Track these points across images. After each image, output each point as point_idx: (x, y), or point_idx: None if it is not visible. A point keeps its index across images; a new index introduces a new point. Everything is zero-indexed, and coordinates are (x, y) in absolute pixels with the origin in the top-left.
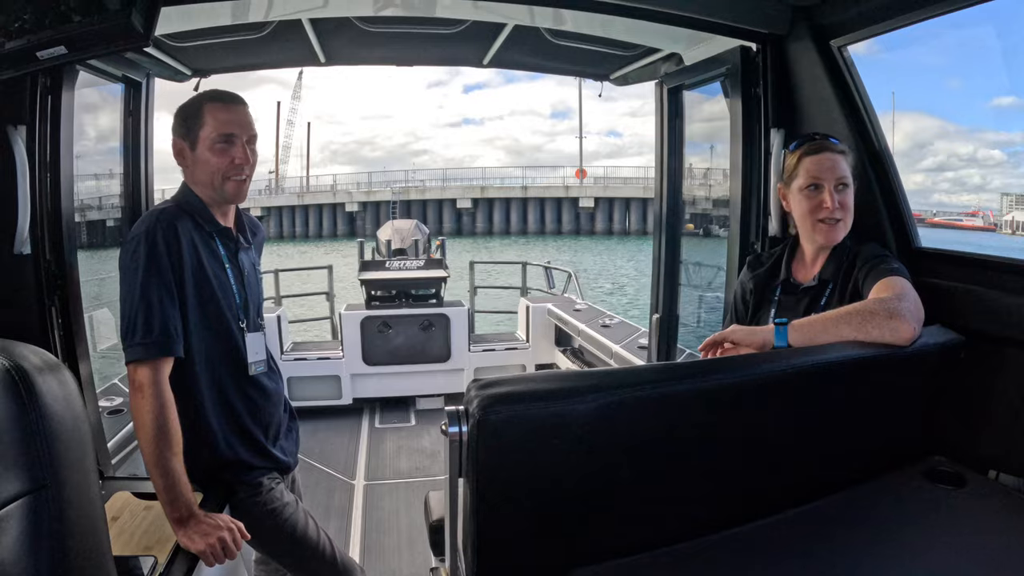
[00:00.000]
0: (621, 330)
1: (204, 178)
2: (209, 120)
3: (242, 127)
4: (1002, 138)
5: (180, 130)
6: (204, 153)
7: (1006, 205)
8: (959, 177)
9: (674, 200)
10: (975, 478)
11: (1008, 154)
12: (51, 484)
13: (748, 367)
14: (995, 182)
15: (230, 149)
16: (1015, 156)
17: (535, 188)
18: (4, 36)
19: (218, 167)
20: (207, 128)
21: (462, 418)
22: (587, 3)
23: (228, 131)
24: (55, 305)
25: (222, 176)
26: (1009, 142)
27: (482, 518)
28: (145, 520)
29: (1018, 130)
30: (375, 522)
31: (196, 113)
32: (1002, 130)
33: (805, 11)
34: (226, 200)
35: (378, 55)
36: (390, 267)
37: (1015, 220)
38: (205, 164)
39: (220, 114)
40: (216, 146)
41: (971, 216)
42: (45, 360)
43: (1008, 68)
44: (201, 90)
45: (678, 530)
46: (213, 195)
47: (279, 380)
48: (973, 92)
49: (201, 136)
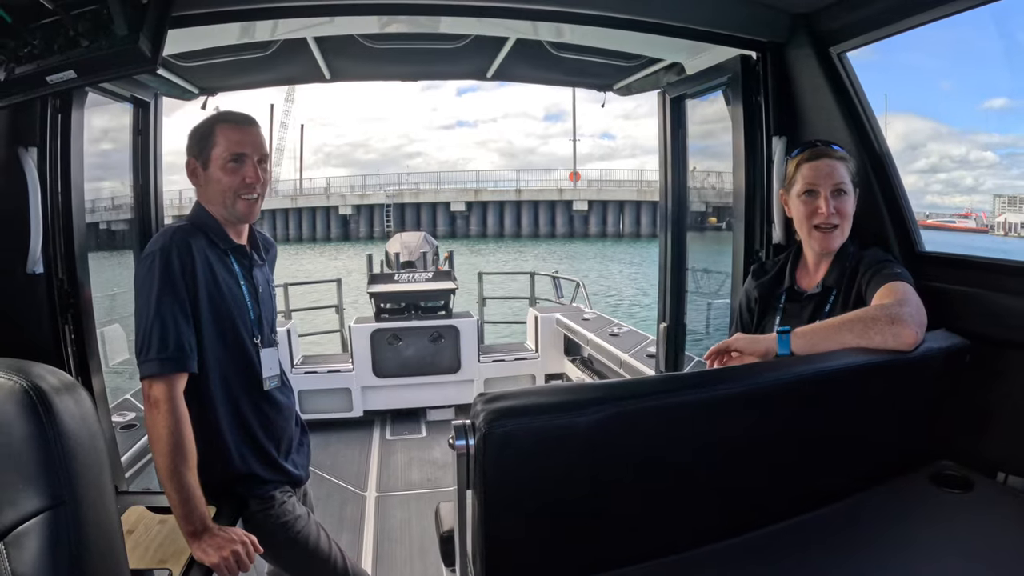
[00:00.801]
0: (630, 339)
1: (216, 197)
2: (221, 140)
3: (253, 147)
4: (994, 140)
5: (193, 150)
6: (216, 172)
7: (999, 207)
8: (951, 179)
9: (679, 209)
10: (983, 481)
11: (1000, 156)
12: (69, 501)
13: (752, 376)
14: (987, 184)
15: (241, 168)
16: (1007, 158)
17: (529, 191)
18: (14, 61)
19: (229, 186)
20: (219, 148)
21: (469, 432)
22: (588, 16)
23: (239, 151)
24: (68, 323)
25: (233, 194)
26: (1001, 144)
27: (490, 529)
28: (160, 534)
29: (1010, 132)
30: (387, 533)
31: (208, 134)
32: (994, 132)
33: (804, 19)
34: (238, 219)
35: (382, 71)
36: (399, 280)
37: (1008, 222)
38: (217, 183)
39: (231, 134)
40: (228, 165)
41: (964, 218)
42: (62, 380)
43: (1000, 70)
44: (208, 108)
45: (685, 539)
46: (225, 214)
47: (291, 395)
48: (965, 94)
49: (213, 156)
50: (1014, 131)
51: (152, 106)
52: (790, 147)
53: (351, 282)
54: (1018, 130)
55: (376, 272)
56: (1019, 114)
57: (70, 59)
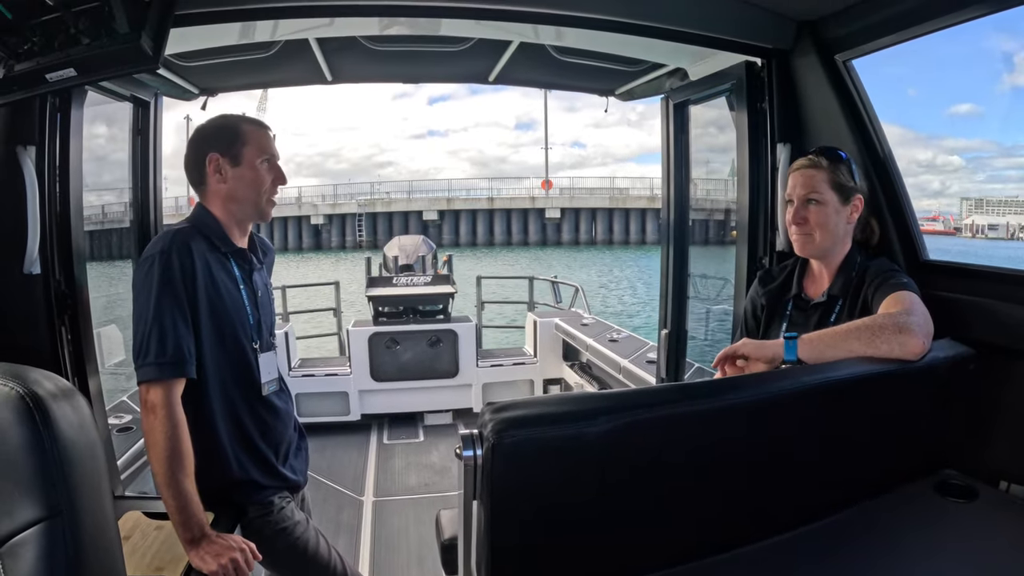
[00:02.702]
0: (629, 344)
1: (247, 194)
2: (252, 140)
3: (276, 150)
4: (960, 144)
5: (219, 146)
6: (248, 171)
7: (965, 209)
8: (919, 183)
9: (681, 214)
10: (986, 490)
11: (966, 160)
12: (66, 510)
13: (759, 385)
14: (954, 187)
15: (274, 170)
16: (972, 162)
17: (501, 199)
18: (13, 58)
19: (268, 183)
20: (252, 147)
21: (476, 441)
22: (592, 21)
23: (271, 152)
24: (65, 324)
25: (268, 193)
26: (967, 148)
27: (496, 539)
28: (156, 540)
29: (975, 136)
30: (384, 539)
31: (237, 132)
32: (960, 136)
33: (810, 26)
34: (262, 218)
35: (384, 72)
36: (397, 283)
37: (975, 224)
38: (252, 180)
39: (261, 137)
40: (265, 164)
41: (932, 221)
42: (59, 386)
43: (964, 76)
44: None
45: (692, 549)
46: (250, 212)
47: (289, 399)
48: (931, 100)
49: (246, 153)
50: (979, 135)
51: (152, 106)
52: (794, 154)
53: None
54: (983, 134)
55: (375, 276)
56: (984, 119)
57: (70, 57)
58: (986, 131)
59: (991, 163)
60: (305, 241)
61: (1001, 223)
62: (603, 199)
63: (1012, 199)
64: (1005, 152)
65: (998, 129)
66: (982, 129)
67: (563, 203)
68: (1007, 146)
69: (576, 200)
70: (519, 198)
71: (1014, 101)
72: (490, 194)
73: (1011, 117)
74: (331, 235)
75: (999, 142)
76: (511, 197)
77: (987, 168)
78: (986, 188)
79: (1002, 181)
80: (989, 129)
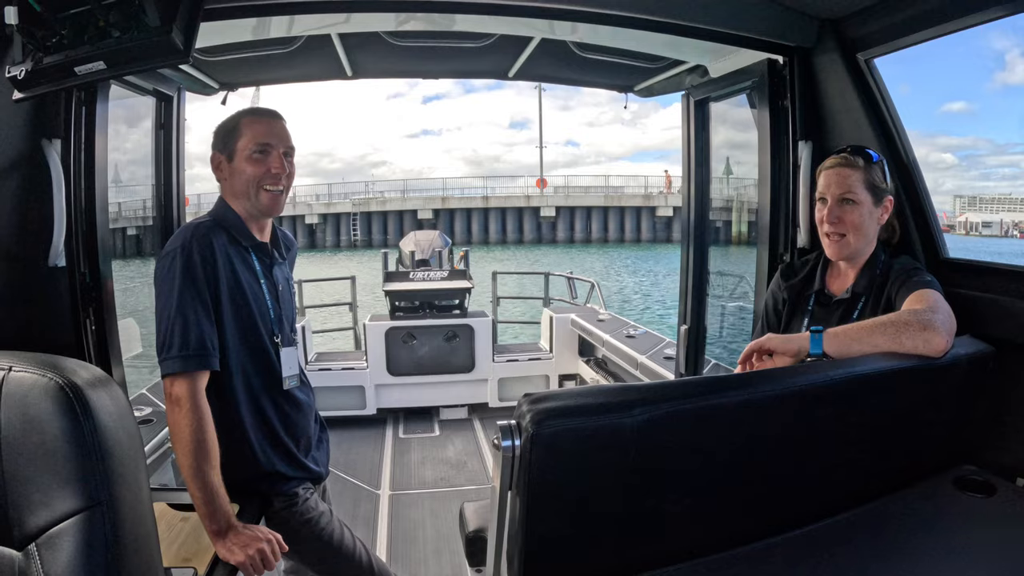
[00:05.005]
0: (646, 341)
1: (240, 188)
2: (246, 132)
3: (279, 138)
4: (953, 142)
5: (219, 144)
6: (240, 163)
7: (959, 207)
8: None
9: (701, 210)
10: (1005, 486)
11: (959, 158)
12: (105, 500)
13: (790, 378)
14: (947, 184)
15: (266, 159)
16: (966, 160)
17: (496, 198)
18: (42, 51)
19: (253, 176)
20: (244, 139)
21: (515, 432)
22: (614, 17)
23: (265, 141)
24: (90, 317)
25: (257, 186)
26: (960, 146)
27: (532, 529)
28: (183, 531)
29: (968, 134)
30: (401, 532)
31: (234, 127)
32: (953, 134)
33: (832, 24)
34: (261, 212)
35: (405, 68)
36: (414, 278)
37: (968, 221)
38: (241, 174)
39: (257, 126)
40: (253, 156)
41: None
42: (95, 375)
43: (957, 74)
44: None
45: (723, 539)
46: (249, 207)
47: (310, 393)
48: (924, 98)
49: (238, 148)
50: (972, 133)
51: (175, 100)
52: (815, 152)
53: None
54: (976, 132)
55: (391, 270)
56: (977, 116)
57: (100, 50)
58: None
59: (984, 160)
60: (300, 240)
61: (995, 220)
62: (598, 197)
63: (1005, 196)
64: (998, 150)
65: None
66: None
67: (558, 201)
68: (1000, 143)
69: (571, 199)
70: (514, 196)
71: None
72: (485, 193)
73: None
74: (326, 234)
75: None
76: (506, 196)
77: (980, 165)
78: (978, 186)
79: (995, 179)
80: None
